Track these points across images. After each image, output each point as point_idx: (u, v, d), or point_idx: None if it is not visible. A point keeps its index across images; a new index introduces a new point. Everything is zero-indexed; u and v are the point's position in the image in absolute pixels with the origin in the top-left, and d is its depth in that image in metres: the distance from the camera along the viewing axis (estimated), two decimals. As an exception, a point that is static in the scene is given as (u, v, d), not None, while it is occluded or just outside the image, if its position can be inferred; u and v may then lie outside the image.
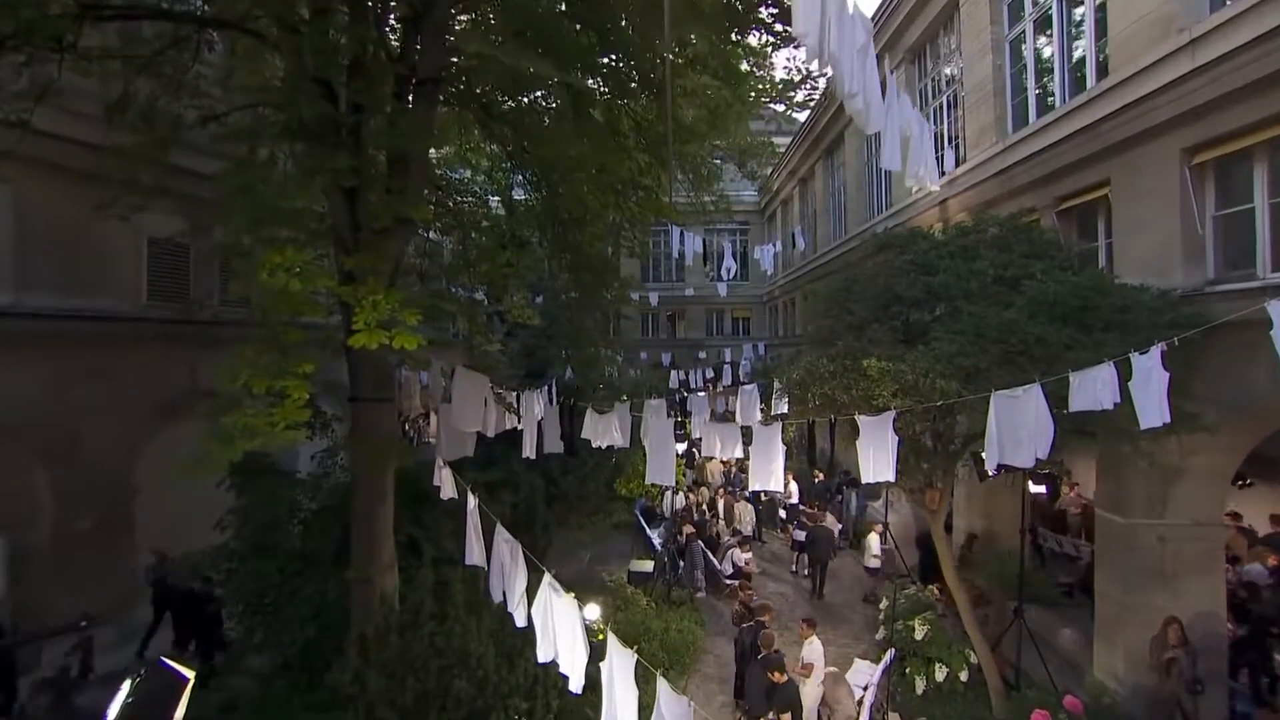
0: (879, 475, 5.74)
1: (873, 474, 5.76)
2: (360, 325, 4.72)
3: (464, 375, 7.03)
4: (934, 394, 5.87)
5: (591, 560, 14.07)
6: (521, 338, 18.81)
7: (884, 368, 6.15)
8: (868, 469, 5.78)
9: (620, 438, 8.53)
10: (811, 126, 22.46)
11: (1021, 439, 5.34)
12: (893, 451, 5.68)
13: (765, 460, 5.99)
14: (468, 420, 7.05)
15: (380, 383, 7.25)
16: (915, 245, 7.95)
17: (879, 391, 6.16)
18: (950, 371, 6.00)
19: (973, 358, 5.97)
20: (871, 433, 5.73)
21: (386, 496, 7.33)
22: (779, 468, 5.95)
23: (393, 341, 4.79)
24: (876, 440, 5.70)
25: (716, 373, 25.24)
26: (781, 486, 6.31)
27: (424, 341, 4.92)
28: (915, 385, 6.04)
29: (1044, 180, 9.62)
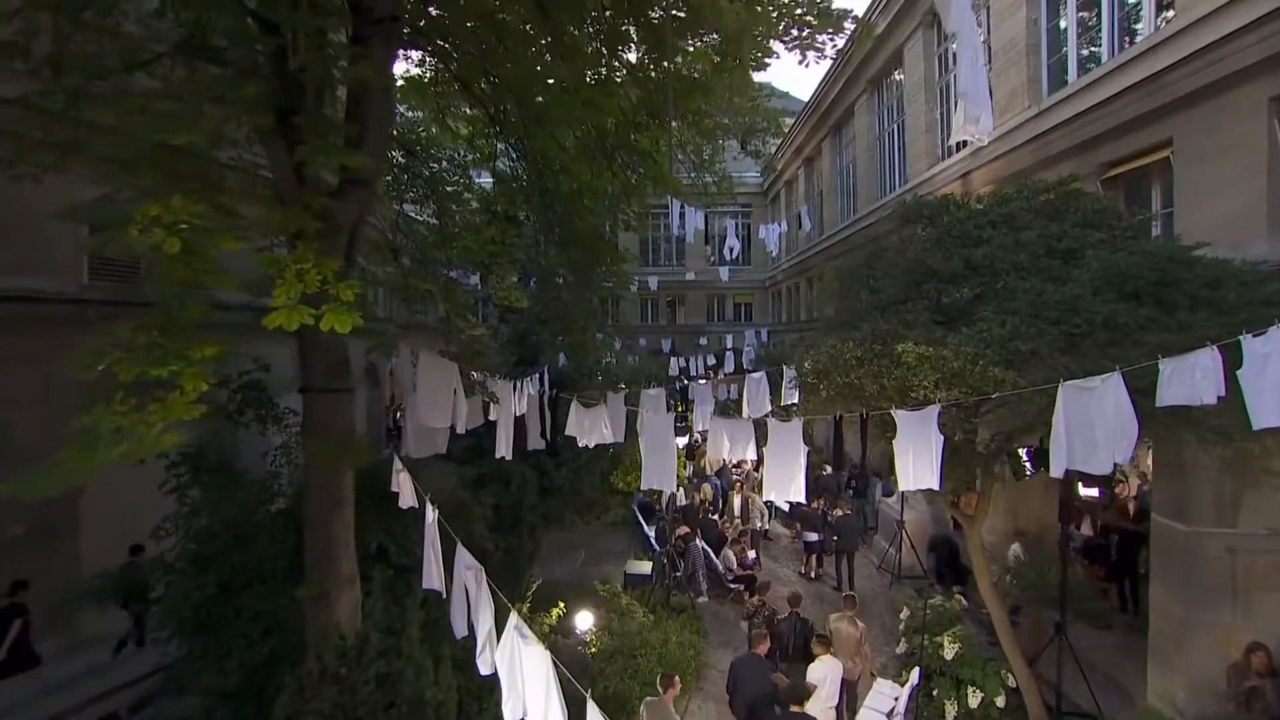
0: (920, 481, 4.82)
1: (912, 479, 4.84)
2: (279, 301, 3.76)
3: (430, 363, 6.06)
4: (985, 384, 4.92)
5: (586, 560, 13.21)
6: (513, 322, 17.85)
7: (923, 353, 5.19)
8: (906, 474, 4.85)
9: (610, 434, 7.54)
10: (819, 102, 21.35)
11: (1097, 439, 4.40)
12: (937, 453, 4.75)
13: (784, 464, 5.06)
14: (434, 414, 6.10)
15: (334, 370, 6.29)
16: (949, 214, 6.96)
17: (917, 381, 5.22)
18: (1003, 357, 5.05)
19: (1030, 341, 5.01)
20: (911, 431, 4.80)
21: (345, 501, 6.40)
22: (800, 474, 5.02)
23: (320, 321, 3.83)
24: (917, 440, 4.77)
25: (719, 359, 24.29)
26: (803, 496, 5.38)
27: (359, 321, 3.96)
28: (961, 374, 5.09)
29: (1086, 146, 8.62)
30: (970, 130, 6.28)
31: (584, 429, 7.49)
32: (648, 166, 8.11)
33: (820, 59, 7.27)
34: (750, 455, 5.99)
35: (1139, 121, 7.60)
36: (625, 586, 11.32)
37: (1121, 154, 8.01)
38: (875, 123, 17.63)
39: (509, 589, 8.93)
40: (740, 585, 11.12)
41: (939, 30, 13.91)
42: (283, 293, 3.77)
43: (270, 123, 5.01)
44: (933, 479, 4.78)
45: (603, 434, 7.50)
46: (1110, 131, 8.06)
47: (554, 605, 9.02)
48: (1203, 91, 6.58)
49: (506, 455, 7.14)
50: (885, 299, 7.01)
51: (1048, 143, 9.44)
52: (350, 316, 3.96)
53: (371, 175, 6.36)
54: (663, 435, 6.01)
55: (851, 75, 18.13)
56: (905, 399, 5.26)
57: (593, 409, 7.65)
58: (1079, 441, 4.45)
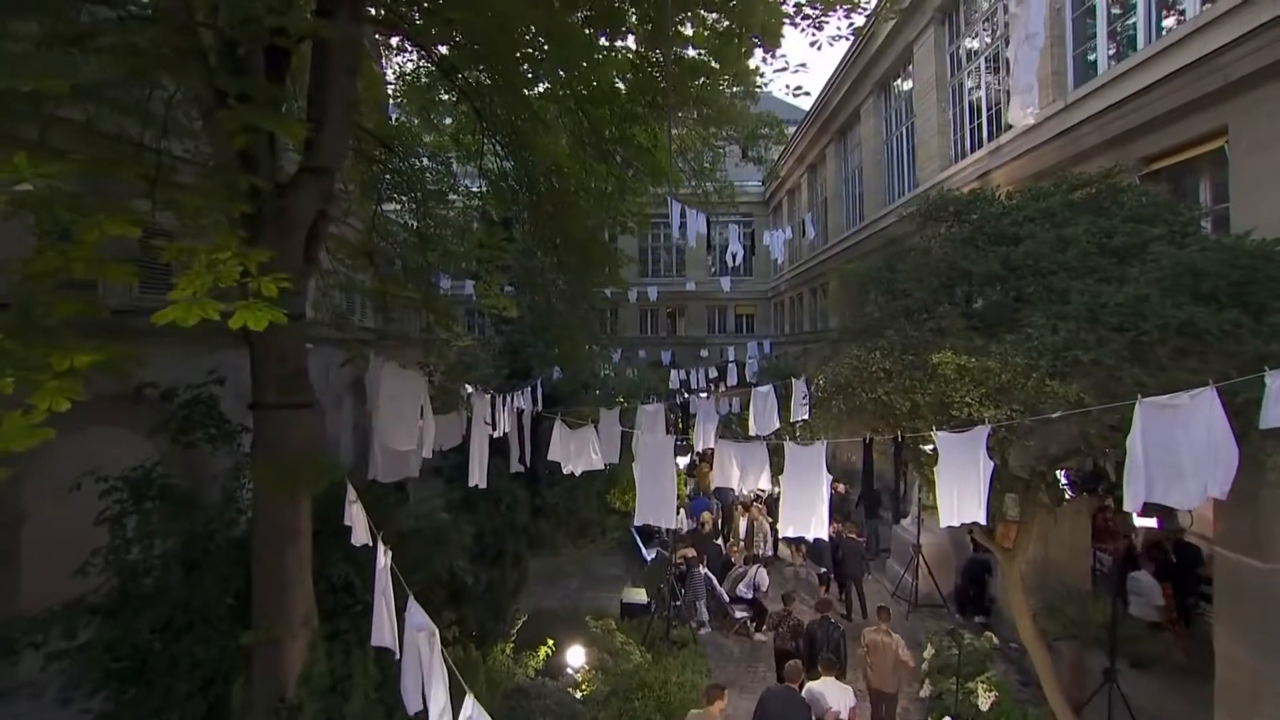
0: (965, 515, 4.06)
1: (956, 513, 4.07)
2: (179, 293, 3.03)
3: (393, 376, 5.30)
4: (1040, 399, 4.17)
5: (580, 587, 12.38)
6: (506, 333, 17.12)
7: (964, 364, 4.45)
8: (949, 507, 4.09)
9: (598, 459, 6.71)
10: (822, 107, 20.80)
11: (1183, 467, 3.64)
12: (985, 482, 3.99)
13: (804, 495, 4.30)
14: (398, 434, 5.33)
15: (289, 383, 5.54)
16: (981, 210, 6.24)
17: (958, 397, 4.46)
18: (1058, 369, 4.30)
19: (1091, 350, 4.26)
20: (955, 456, 4.04)
21: (300, 533, 5.62)
22: (823, 506, 4.26)
23: (231, 321, 3.10)
24: (962, 467, 4.01)
25: (721, 372, 23.53)
26: (825, 531, 4.59)
27: (281, 318, 3.24)
28: (1008, 388, 4.33)
29: (1122, 139, 7.93)
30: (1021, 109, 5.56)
31: (569, 453, 6.64)
32: (645, 161, 7.41)
33: (835, 41, 6.60)
34: (764, 484, 5.22)
35: (1186, 110, 6.91)
36: (622, 616, 10.51)
37: (1164, 146, 7.31)
38: (883, 126, 17.02)
39: (492, 625, 8.14)
40: (748, 615, 10.30)
41: (950, 26, 13.32)
42: (187, 284, 3.04)
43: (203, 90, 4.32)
44: (979, 512, 4.03)
45: (591, 459, 6.66)
46: (1151, 122, 7.37)
47: (542, 642, 8.22)
48: (1265, 72, 5.89)
49: (479, 482, 6.31)
50: (911, 303, 6.28)
51: (1076, 138, 8.75)
52: (269, 313, 3.23)
53: (332, 164, 5.68)
54: (661, 460, 5.20)
55: (858, 78, 17.56)
56: (945, 418, 4.51)
57: (579, 430, 6.79)
58: (1161, 470, 3.69)
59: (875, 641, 7.19)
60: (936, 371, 4.63)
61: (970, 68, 12.69)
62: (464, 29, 6.93)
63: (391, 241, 8.90)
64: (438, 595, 7.58)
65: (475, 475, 6.03)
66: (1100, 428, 4.08)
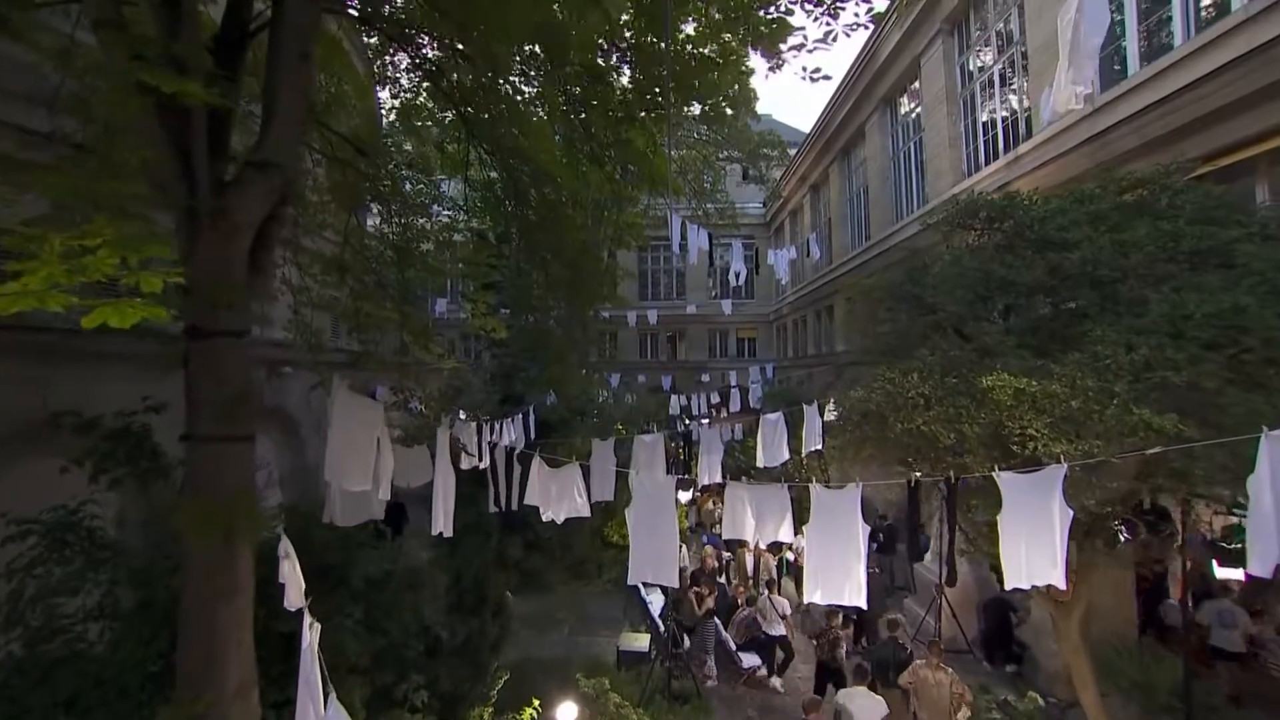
0: (1038, 574, 3.26)
1: (1025, 573, 3.27)
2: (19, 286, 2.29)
3: (347, 402, 4.52)
4: (1125, 431, 3.39)
5: (573, 630, 11.41)
6: (499, 356, 16.36)
7: (1023, 388, 3.67)
8: (1016, 564, 3.29)
9: (583, 503, 5.81)
10: (825, 126, 20.37)
11: (1326, 517, 2.84)
12: (1062, 534, 3.19)
13: (836, 552, 3.50)
14: (349, 472, 4.53)
15: (228, 411, 4.75)
16: (1021, 214, 5.53)
17: (1016, 427, 3.68)
18: (1140, 393, 3.53)
19: (1182, 370, 3.49)
20: (1024, 502, 3.25)
21: (237, 586, 4.76)
22: (860, 566, 3.46)
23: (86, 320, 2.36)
24: (1032, 515, 3.22)
25: (723, 397, 22.73)
26: (863, 598, 3.76)
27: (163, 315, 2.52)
28: (1081, 417, 3.56)
29: (1163, 141, 7.27)
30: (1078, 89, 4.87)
31: (549, 496, 5.71)
32: (642, 164, 6.73)
33: (853, 30, 5.97)
34: (785, 536, 4.39)
35: (1237, 107, 6.27)
36: (619, 666, 9.57)
37: (1215, 145, 6.65)
38: (889, 143, 16.50)
39: (470, 685, 7.22)
40: (757, 664, 9.34)
41: (959, 37, 12.84)
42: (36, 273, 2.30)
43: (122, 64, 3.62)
44: (1055, 572, 3.22)
45: (575, 503, 5.74)
46: (1197, 122, 6.73)
47: (527, 703, 7.30)
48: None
49: (444, 530, 5.41)
50: (942, 318, 5.53)
51: (1107, 143, 8.12)
52: (140, 310, 2.49)
53: (281, 159, 4.99)
54: (660, 507, 4.29)
55: (861, 94, 17.10)
56: (1001, 453, 3.73)
57: (561, 470, 5.88)
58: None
59: (926, 677, 6.60)
60: (988, 397, 3.85)
61: (983, 79, 12.16)
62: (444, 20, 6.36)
63: (367, 256, 8.19)
64: (410, 650, 6.70)
65: (439, 522, 5.14)
66: (1209, 467, 3.30)
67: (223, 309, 4.80)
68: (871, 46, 15.84)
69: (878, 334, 6.32)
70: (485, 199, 8.93)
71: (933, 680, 6.54)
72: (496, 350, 16.62)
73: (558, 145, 7.93)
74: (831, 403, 9.11)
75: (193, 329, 4.80)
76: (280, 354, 10.49)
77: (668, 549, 4.30)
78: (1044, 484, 3.25)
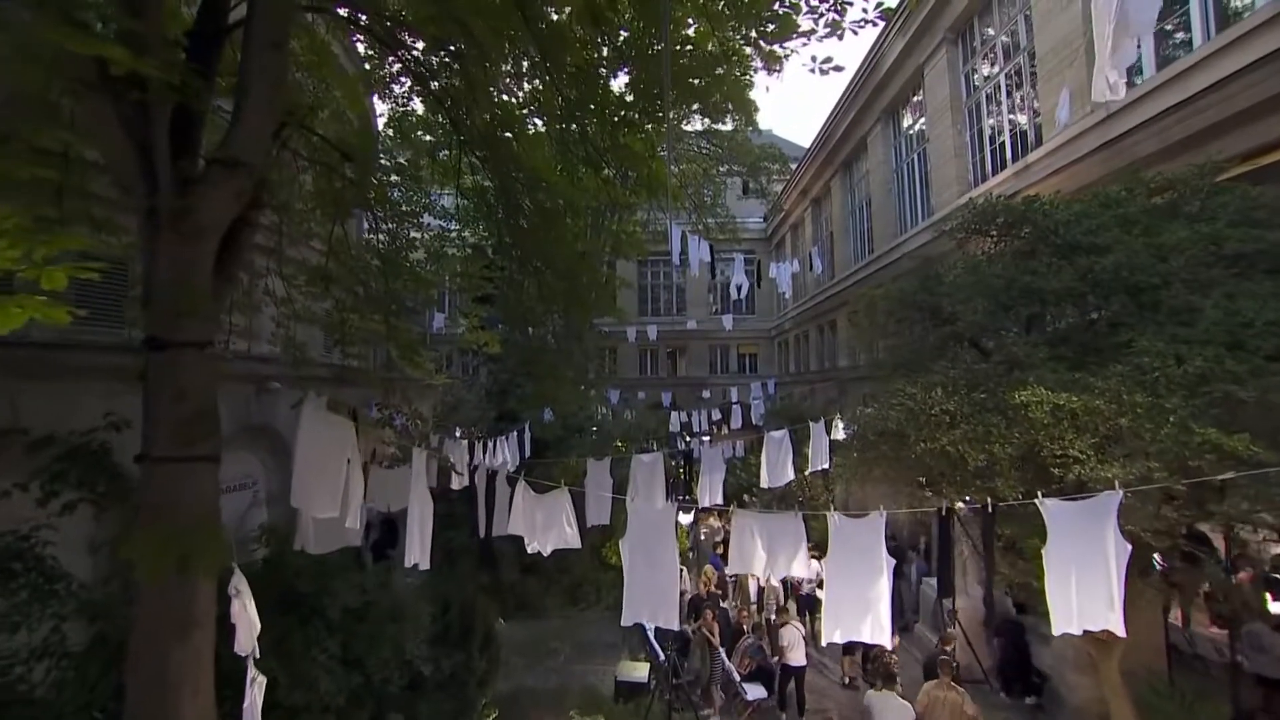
0: (1092, 618, 2.87)
1: (1076, 616, 2.85)
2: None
3: (313, 421, 4.12)
4: (1189, 452, 3.00)
5: (569, 659, 10.89)
6: (495, 372, 15.98)
7: (1063, 404, 3.29)
8: (1064, 606, 2.89)
9: (573, 533, 5.33)
10: (826, 139, 20.19)
11: None
12: (1119, 571, 2.78)
13: (856, 585, 3.10)
14: (317, 495, 4.12)
15: (188, 429, 4.36)
16: (1043, 218, 5.19)
17: (1057, 448, 3.29)
18: (1198, 409, 3.14)
19: (1244, 384, 3.11)
20: (1071, 533, 2.85)
21: (194, 622, 4.31)
22: (884, 601, 3.05)
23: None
24: (1083, 548, 2.81)
25: (724, 414, 22.30)
26: (887, 637, 3.35)
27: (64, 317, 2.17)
28: (1131, 436, 3.17)
29: (1185, 145, 6.95)
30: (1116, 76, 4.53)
31: (534, 525, 5.15)
32: (640, 166, 6.41)
33: (861, 27, 5.65)
34: (800, 571, 3.97)
35: (1272, 104, 5.95)
36: (616, 698, 9.07)
37: (1244, 147, 6.32)
38: (892, 154, 16.26)
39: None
40: (764, 697, 8.83)
41: (964, 46, 12.62)
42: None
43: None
44: (1113, 615, 2.82)
45: (563, 533, 5.24)
46: (1225, 122, 6.41)
47: (518, 741, 6.84)
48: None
49: (419, 562, 4.91)
50: (960, 329, 5.16)
51: (1123, 149, 7.80)
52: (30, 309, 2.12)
53: (250, 156, 4.66)
54: (659, 539, 3.83)
55: (863, 106, 16.90)
56: (1038, 476, 3.33)
57: (548, 496, 5.31)
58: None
59: (938, 698, 6.33)
60: (1021, 414, 3.46)
61: (989, 87, 11.92)
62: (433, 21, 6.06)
63: (353, 266, 7.84)
64: (391, 686, 6.24)
65: (414, 553, 4.66)
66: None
67: (184, 317, 4.43)
68: (873, 58, 15.67)
69: (891, 346, 5.93)
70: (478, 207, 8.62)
71: (944, 700, 6.31)
72: (493, 366, 16.28)
73: (552, 150, 7.63)
74: (839, 419, 8.75)
75: (151, 339, 4.43)
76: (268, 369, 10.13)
77: (668, 586, 3.82)
78: (1095, 513, 2.86)
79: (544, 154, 7.90)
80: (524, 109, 8.08)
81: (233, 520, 10.04)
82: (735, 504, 14.02)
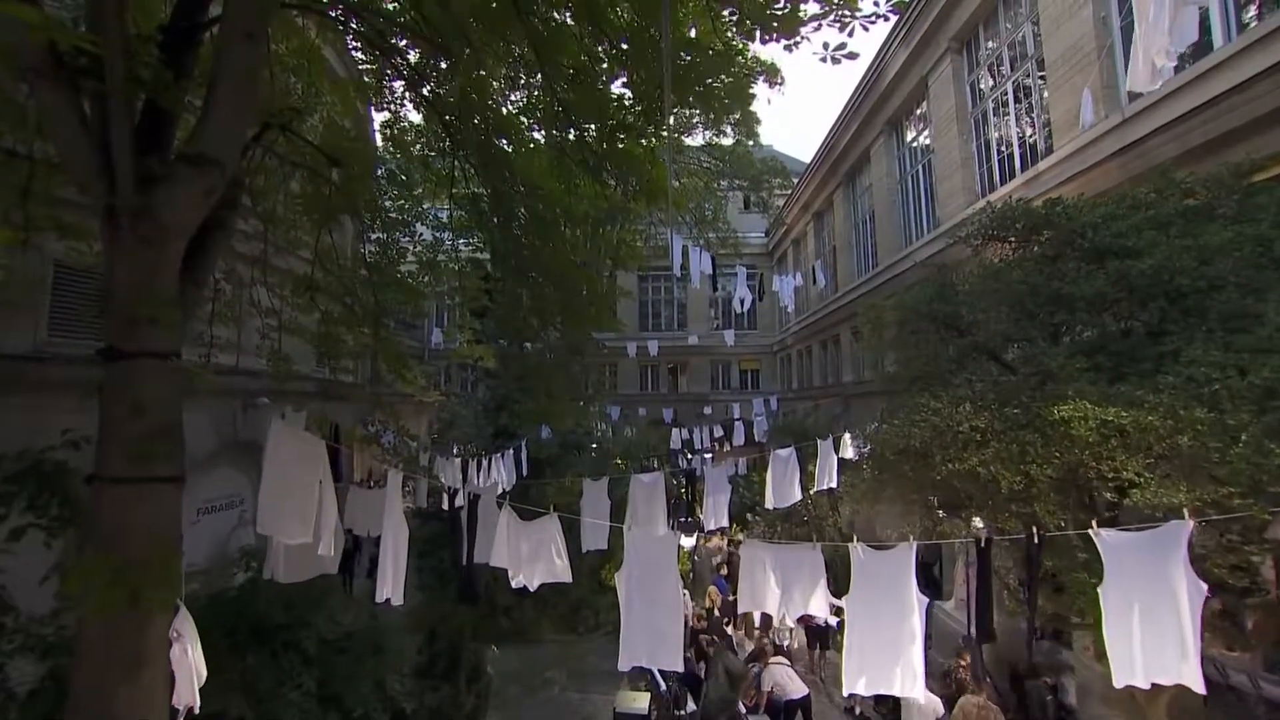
0: (1161, 670, 2.47)
1: (1141, 666, 2.48)
2: None
3: (282, 439, 3.76)
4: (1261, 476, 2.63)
5: (565, 688, 10.40)
6: (492, 388, 15.62)
7: (1110, 419, 2.92)
8: (1125, 654, 2.51)
9: (562, 564, 4.77)
10: (828, 152, 20.02)
11: None
12: (1193, 616, 2.40)
13: (885, 629, 2.71)
14: (285, 520, 3.74)
15: (146, 447, 3.99)
16: (1068, 221, 4.86)
17: (1106, 469, 2.92)
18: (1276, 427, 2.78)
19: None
20: (1132, 571, 2.47)
21: (144, 660, 3.92)
22: (915, 648, 2.67)
23: None
24: (1145, 587, 2.43)
25: (726, 431, 21.90)
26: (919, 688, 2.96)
27: None
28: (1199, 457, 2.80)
29: (1209, 148, 6.66)
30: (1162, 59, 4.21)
31: (519, 555, 4.53)
32: (638, 170, 6.10)
33: (872, 22, 5.37)
34: (818, 609, 3.55)
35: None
36: (615, 731, 8.58)
37: (1274, 149, 6.02)
38: (896, 166, 16.04)
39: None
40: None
41: (969, 55, 12.43)
42: None
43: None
44: (1189, 667, 2.44)
45: (552, 565, 4.69)
46: (1253, 124, 6.11)
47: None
48: None
49: (393, 597, 4.42)
50: (981, 339, 4.81)
51: (1142, 153, 7.52)
52: None
53: (220, 153, 4.35)
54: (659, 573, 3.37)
55: (866, 118, 16.73)
56: (1083, 502, 2.96)
57: (536, 524, 4.66)
58: None
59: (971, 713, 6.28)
60: (1062, 431, 3.09)
61: (995, 96, 11.69)
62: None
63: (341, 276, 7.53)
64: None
65: (386, 586, 4.19)
66: None
67: (145, 325, 4.09)
68: (876, 69, 15.51)
69: (905, 359, 5.58)
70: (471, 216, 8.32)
71: (977, 715, 6.22)
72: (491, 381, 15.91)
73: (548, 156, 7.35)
74: (848, 437, 8.36)
75: (108, 348, 4.08)
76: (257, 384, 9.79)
77: (668, 625, 3.37)
78: (1161, 546, 2.48)
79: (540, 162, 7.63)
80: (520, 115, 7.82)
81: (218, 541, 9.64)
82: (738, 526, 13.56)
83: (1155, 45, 4.06)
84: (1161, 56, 4.08)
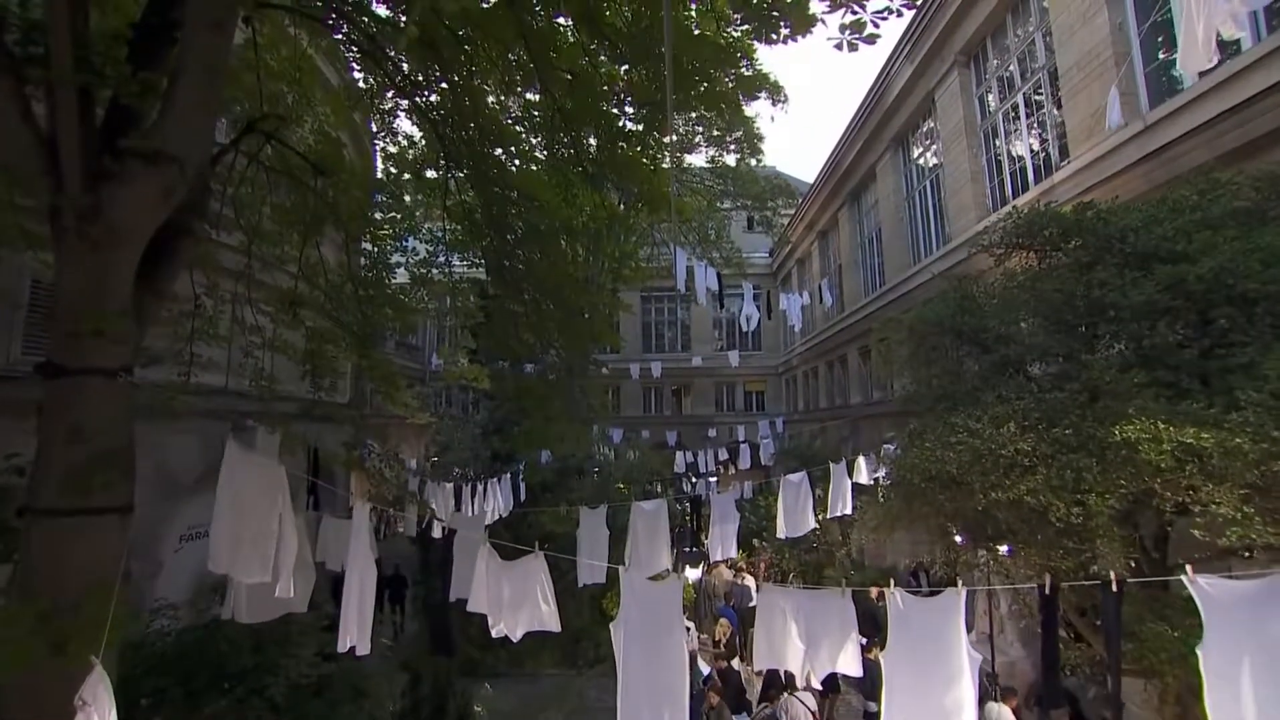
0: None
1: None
2: None
3: (238, 465, 3.32)
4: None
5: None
6: (491, 410, 15.18)
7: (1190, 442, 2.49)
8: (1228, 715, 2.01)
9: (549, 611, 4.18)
10: (832, 170, 19.80)
11: None
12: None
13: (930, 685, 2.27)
14: (240, 558, 3.30)
15: (88, 475, 3.58)
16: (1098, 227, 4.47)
17: (1186, 498, 2.48)
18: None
19: None
20: (1240, 626, 2.01)
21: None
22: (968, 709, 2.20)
23: None
24: (1258, 646, 1.97)
25: (732, 454, 21.37)
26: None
27: None
28: None
29: (1243, 153, 6.30)
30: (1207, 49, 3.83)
31: (500, 600, 3.98)
32: (639, 176, 5.76)
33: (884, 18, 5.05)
34: (848, 667, 3.07)
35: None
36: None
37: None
38: (903, 183, 15.76)
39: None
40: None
41: (976, 68, 12.19)
42: None
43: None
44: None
45: (537, 611, 4.09)
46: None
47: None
48: None
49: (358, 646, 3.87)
50: (1013, 354, 4.38)
51: (1168, 160, 7.16)
52: None
53: (180, 150, 4.00)
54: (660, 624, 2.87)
55: (872, 135, 16.51)
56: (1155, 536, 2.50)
57: (519, 564, 4.14)
58: None
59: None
60: (1126, 455, 2.65)
61: (1005, 108, 11.41)
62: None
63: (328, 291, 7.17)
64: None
65: (351, 633, 3.68)
66: None
67: (90, 339, 3.68)
68: (880, 86, 15.32)
69: (928, 377, 5.14)
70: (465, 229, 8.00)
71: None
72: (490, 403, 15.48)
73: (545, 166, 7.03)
74: (862, 461, 7.90)
75: (47, 364, 3.66)
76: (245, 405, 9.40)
77: (674, 683, 2.83)
78: (1273, 598, 2.03)
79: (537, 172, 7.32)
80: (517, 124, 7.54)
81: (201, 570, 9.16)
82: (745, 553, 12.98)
83: (1218, 13, 3.69)
84: (1229, 25, 3.72)
